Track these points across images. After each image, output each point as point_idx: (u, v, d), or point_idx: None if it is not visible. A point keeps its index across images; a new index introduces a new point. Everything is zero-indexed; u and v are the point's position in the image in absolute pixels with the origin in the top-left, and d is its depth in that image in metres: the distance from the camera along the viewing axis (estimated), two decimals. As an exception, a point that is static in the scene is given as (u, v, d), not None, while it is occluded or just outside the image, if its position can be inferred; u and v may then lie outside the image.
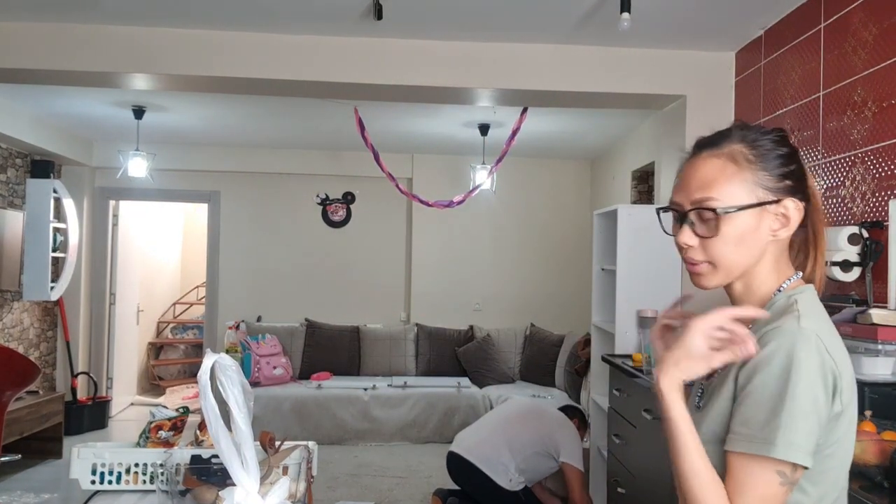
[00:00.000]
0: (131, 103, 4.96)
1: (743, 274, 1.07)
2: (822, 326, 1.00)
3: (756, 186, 1.04)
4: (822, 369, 0.95)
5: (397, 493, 4.40)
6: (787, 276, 1.08)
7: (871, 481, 1.62)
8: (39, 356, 5.94)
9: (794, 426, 0.93)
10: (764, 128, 1.10)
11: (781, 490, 0.94)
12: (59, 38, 3.51)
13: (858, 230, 2.52)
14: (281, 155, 6.65)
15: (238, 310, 6.63)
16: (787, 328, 0.96)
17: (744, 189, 1.04)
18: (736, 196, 1.03)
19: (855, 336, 2.21)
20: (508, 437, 3.59)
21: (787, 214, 1.05)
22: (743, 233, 1.04)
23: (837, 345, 1.00)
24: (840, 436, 0.99)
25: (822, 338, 0.97)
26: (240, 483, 1.26)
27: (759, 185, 1.04)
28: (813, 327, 0.97)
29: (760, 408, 0.95)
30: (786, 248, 1.09)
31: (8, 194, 5.45)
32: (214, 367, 1.26)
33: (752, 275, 1.07)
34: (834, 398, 0.96)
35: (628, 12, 2.77)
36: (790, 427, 0.93)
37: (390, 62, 3.64)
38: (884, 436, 1.73)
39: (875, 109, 2.56)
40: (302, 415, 5.50)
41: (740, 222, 1.04)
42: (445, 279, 6.75)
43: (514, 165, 6.52)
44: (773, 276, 1.07)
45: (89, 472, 1.82)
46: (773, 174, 1.05)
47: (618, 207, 3.82)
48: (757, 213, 1.04)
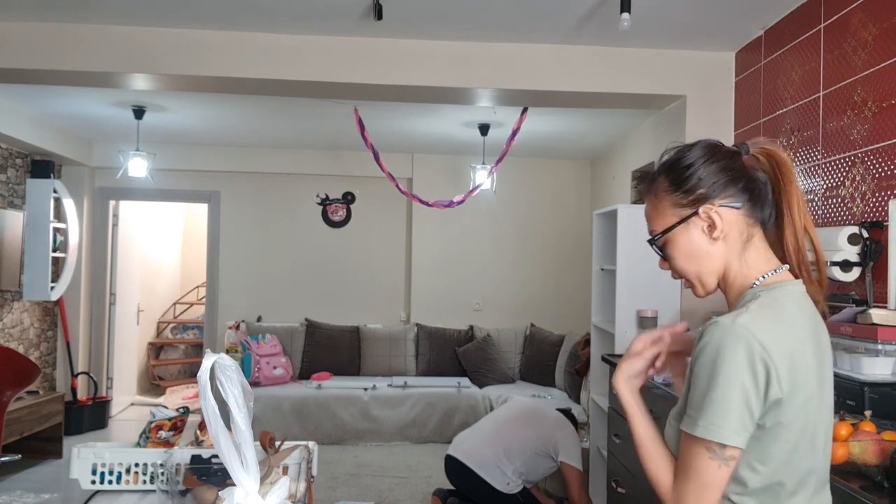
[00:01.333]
0: (131, 103, 4.97)
1: (717, 277, 1.18)
2: (763, 321, 1.07)
3: (675, 208, 1.18)
4: (750, 359, 1.04)
5: (397, 493, 4.41)
6: (763, 270, 1.16)
7: (872, 481, 1.62)
8: (39, 356, 5.94)
9: (715, 409, 1.04)
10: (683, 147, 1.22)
11: (713, 465, 1.05)
12: (59, 38, 3.51)
13: (858, 230, 2.52)
14: (281, 155, 6.65)
15: (238, 310, 6.64)
16: (721, 323, 1.07)
17: (667, 214, 1.19)
18: (664, 222, 1.19)
19: (855, 336, 2.21)
20: (506, 441, 3.59)
21: (711, 219, 1.15)
22: (685, 249, 1.18)
23: (779, 338, 1.07)
24: (787, 420, 1.07)
25: (756, 331, 1.05)
26: (240, 483, 1.26)
27: (676, 206, 1.18)
28: (746, 322, 1.06)
29: (696, 392, 1.07)
30: (755, 245, 1.17)
31: (8, 194, 5.45)
32: (214, 367, 1.26)
33: (724, 275, 1.18)
34: (769, 385, 1.05)
35: (628, 12, 2.77)
36: (711, 409, 1.04)
37: (390, 62, 3.64)
38: (884, 436, 1.73)
39: (875, 109, 2.56)
40: (302, 415, 5.50)
41: (677, 242, 1.18)
42: (445, 279, 6.75)
43: (514, 165, 6.53)
44: (745, 271, 1.16)
45: (89, 471, 1.81)
46: (683, 190, 1.17)
47: (618, 207, 3.82)
48: (683, 229, 1.17)
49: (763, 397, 1.05)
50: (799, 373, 1.08)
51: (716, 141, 1.22)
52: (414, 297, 6.76)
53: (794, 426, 1.08)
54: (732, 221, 1.15)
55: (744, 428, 1.05)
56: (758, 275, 1.15)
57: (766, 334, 1.06)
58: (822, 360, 1.15)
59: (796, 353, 1.08)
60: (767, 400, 1.05)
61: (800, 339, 1.10)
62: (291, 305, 6.67)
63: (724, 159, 1.17)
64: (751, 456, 1.08)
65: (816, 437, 1.12)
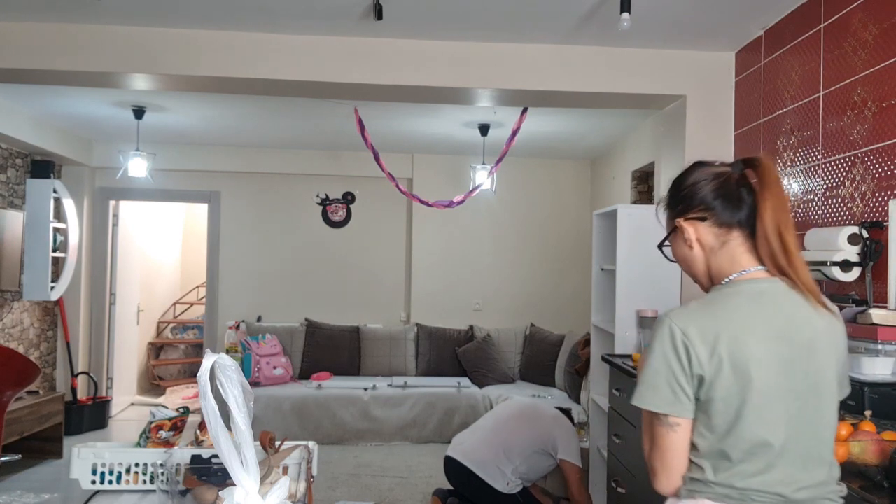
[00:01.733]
0: (131, 103, 4.97)
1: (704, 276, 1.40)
2: (691, 313, 1.29)
3: (669, 221, 1.44)
4: (673, 343, 1.26)
5: (397, 493, 4.41)
6: (733, 271, 1.34)
7: (872, 481, 1.62)
8: (39, 356, 5.94)
9: (647, 383, 1.28)
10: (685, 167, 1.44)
11: (662, 430, 1.29)
12: (59, 38, 3.52)
13: (858, 230, 2.52)
14: (281, 155, 6.65)
15: (238, 310, 6.64)
16: (658, 316, 1.32)
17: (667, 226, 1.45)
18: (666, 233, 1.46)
19: (855, 336, 2.21)
20: (505, 441, 3.59)
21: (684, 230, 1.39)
22: (678, 254, 1.43)
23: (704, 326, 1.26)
24: (718, 396, 1.25)
25: (678, 321, 1.27)
26: (240, 483, 1.26)
27: (669, 220, 1.44)
28: (673, 314, 1.29)
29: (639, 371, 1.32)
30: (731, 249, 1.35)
31: (8, 194, 5.45)
32: (214, 367, 1.26)
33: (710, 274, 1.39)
34: (691, 364, 1.25)
35: (628, 12, 2.77)
36: (644, 384, 1.29)
37: (390, 62, 3.64)
38: (884, 436, 1.73)
39: (875, 109, 2.56)
40: (302, 415, 5.50)
41: (673, 248, 1.44)
42: (445, 279, 6.75)
43: (514, 165, 6.53)
44: (721, 271, 1.36)
45: (89, 471, 1.82)
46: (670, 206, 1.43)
47: (617, 207, 3.82)
48: (674, 238, 1.43)
49: (689, 374, 1.26)
50: (730, 356, 1.24)
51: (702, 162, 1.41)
52: (414, 297, 6.76)
53: (730, 401, 1.24)
54: (702, 231, 1.36)
55: (676, 399, 1.26)
56: (728, 274, 1.34)
57: (689, 323, 1.26)
58: (794, 349, 1.27)
59: (728, 339, 1.25)
60: (693, 376, 1.26)
61: (739, 328, 1.26)
62: (291, 305, 6.67)
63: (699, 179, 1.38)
64: (700, 424, 1.28)
65: (770, 414, 1.25)
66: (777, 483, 1.24)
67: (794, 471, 1.25)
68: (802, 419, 1.27)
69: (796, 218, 3.08)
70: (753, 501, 1.24)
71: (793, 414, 1.26)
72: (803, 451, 1.27)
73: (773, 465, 1.25)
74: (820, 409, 1.29)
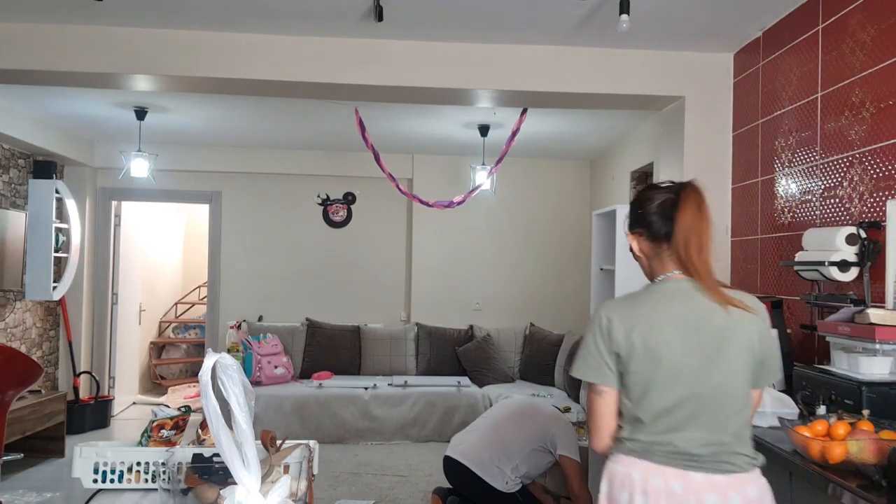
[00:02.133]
0: (133, 104, 4.98)
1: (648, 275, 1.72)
2: (616, 304, 1.64)
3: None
4: (599, 328, 1.60)
5: (398, 492, 4.42)
6: (663, 273, 1.66)
7: (870, 480, 1.63)
8: (42, 356, 5.96)
9: (582, 357, 1.63)
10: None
11: (593, 397, 1.63)
12: (60, 39, 3.53)
13: (856, 230, 2.53)
14: (282, 155, 6.66)
15: (239, 309, 6.65)
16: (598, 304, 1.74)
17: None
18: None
19: (853, 336, 2.22)
20: (503, 440, 3.60)
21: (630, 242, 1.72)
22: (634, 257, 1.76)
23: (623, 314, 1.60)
24: (632, 370, 1.57)
25: (605, 309, 1.62)
26: (241, 481, 1.27)
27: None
28: (604, 304, 1.64)
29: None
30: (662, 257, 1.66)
31: (10, 195, 5.47)
32: (216, 366, 1.27)
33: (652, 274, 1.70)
34: (611, 343, 1.58)
35: (627, 14, 2.78)
36: (580, 359, 1.63)
37: (391, 63, 3.65)
38: (882, 435, 1.73)
39: (873, 110, 2.57)
40: (303, 414, 5.52)
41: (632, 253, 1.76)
42: (445, 279, 6.76)
43: (514, 166, 6.54)
44: (656, 272, 1.68)
45: (91, 470, 1.83)
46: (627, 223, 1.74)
47: (616, 208, 3.83)
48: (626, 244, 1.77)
49: (610, 351, 1.59)
50: (646, 344, 1.55)
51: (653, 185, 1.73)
52: (414, 297, 6.77)
53: (642, 376, 1.56)
54: (642, 243, 1.70)
55: (601, 371, 1.60)
56: (659, 276, 1.67)
57: (613, 311, 1.61)
58: (702, 336, 1.56)
59: (642, 326, 1.57)
60: (612, 353, 1.59)
61: (653, 318, 1.58)
62: (292, 305, 6.69)
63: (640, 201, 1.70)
64: (623, 395, 1.60)
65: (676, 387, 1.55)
66: (676, 440, 1.53)
67: (695, 433, 1.53)
68: (706, 393, 1.54)
69: (794, 218, 3.09)
70: (653, 453, 1.53)
71: (697, 388, 1.54)
72: (705, 419, 1.53)
73: (676, 427, 1.53)
74: (723, 387, 1.55)
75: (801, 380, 2.39)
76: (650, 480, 1.51)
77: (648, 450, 1.53)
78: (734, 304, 1.57)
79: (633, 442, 1.56)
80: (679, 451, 1.51)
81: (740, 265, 3.60)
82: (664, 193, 1.65)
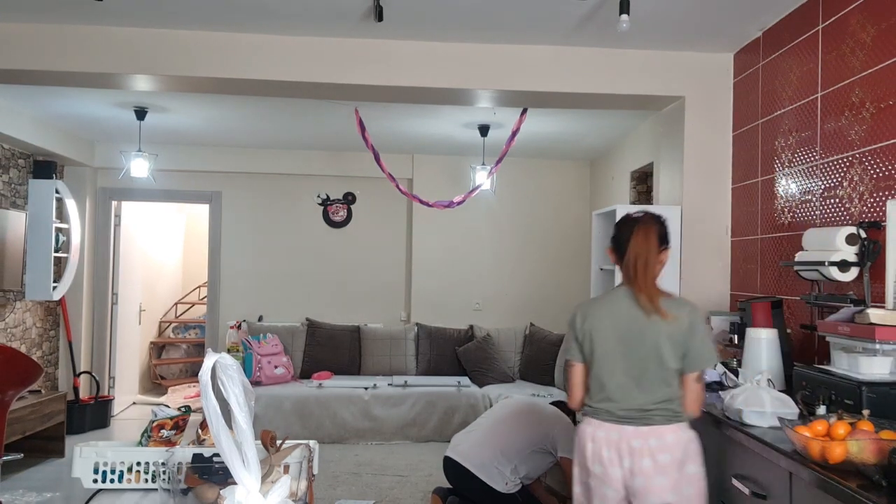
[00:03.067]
0: (133, 104, 4.98)
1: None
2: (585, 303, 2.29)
3: None
4: (573, 321, 2.26)
5: (398, 492, 4.42)
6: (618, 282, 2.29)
7: (870, 480, 1.63)
8: (42, 356, 5.96)
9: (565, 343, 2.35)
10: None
11: (567, 368, 2.28)
12: (60, 39, 3.53)
13: (856, 230, 2.53)
14: (282, 155, 6.66)
15: (239, 309, 6.65)
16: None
17: None
18: None
19: (853, 336, 2.22)
20: (503, 441, 3.59)
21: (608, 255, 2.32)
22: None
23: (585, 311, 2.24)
24: (587, 353, 2.22)
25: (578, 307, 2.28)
26: (241, 481, 1.27)
27: None
28: (580, 303, 2.30)
29: None
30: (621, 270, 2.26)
31: (10, 195, 5.47)
32: (216, 366, 1.27)
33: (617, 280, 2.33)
34: (576, 332, 2.24)
35: (627, 14, 2.78)
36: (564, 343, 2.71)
37: (391, 63, 3.66)
38: (881, 435, 1.73)
39: (873, 110, 2.57)
40: (303, 414, 5.52)
41: None
42: (445, 279, 6.76)
43: (514, 166, 6.54)
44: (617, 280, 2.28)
45: (91, 470, 1.83)
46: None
47: (616, 208, 3.83)
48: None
49: (575, 336, 2.24)
50: (592, 332, 2.20)
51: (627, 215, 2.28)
52: (414, 297, 6.77)
53: (589, 356, 2.21)
54: (612, 257, 2.31)
55: (573, 351, 2.25)
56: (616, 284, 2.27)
57: (580, 308, 2.27)
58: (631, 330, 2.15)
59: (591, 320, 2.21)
60: (576, 338, 2.24)
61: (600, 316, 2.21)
62: (292, 305, 6.69)
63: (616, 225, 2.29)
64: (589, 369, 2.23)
65: (608, 366, 2.17)
66: (611, 405, 2.15)
67: (622, 401, 2.13)
68: (631, 372, 2.13)
69: (794, 218, 3.10)
70: (598, 414, 2.17)
71: (624, 368, 2.14)
72: (630, 390, 2.13)
73: (610, 396, 2.15)
74: (643, 369, 2.12)
75: (801, 380, 2.39)
76: (597, 432, 2.16)
77: (596, 412, 2.18)
78: (657, 312, 2.11)
79: (588, 406, 2.22)
80: (612, 413, 2.14)
81: (740, 265, 3.60)
82: (629, 223, 2.22)
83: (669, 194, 3.95)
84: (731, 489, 2.19)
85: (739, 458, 2.18)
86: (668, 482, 2.06)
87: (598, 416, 2.15)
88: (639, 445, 2.08)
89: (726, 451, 2.27)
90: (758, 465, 2.06)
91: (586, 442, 2.17)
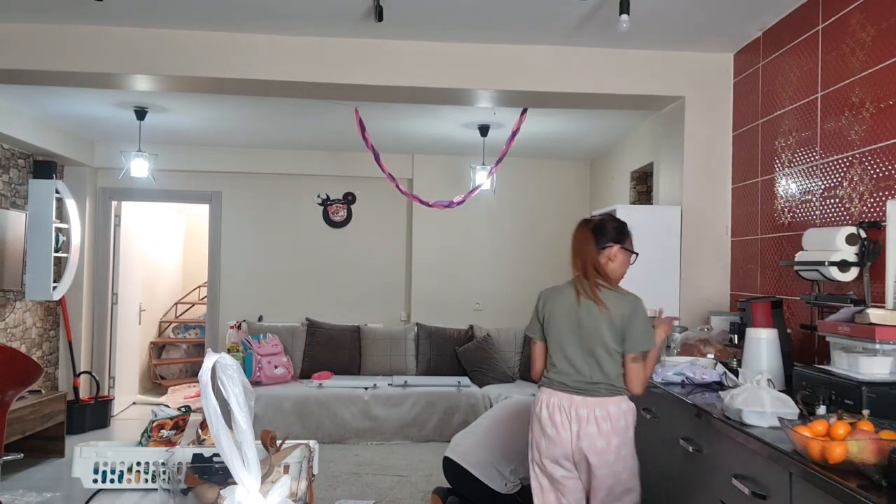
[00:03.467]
0: (133, 104, 4.98)
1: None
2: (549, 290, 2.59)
3: None
4: (537, 303, 2.58)
5: (398, 492, 4.42)
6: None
7: (870, 480, 1.63)
8: (42, 356, 5.96)
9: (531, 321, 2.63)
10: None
11: (531, 345, 2.63)
12: (60, 39, 3.53)
13: (856, 230, 2.53)
14: (282, 155, 6.66)
15: (239, 309, 6.65)
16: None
17: None
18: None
19: (853, 336, 2.22)
20: (502, 441, 3.59)
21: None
22: None
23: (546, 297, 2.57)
24: (547, 332, 2.54)
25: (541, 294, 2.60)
26: (241, 481, 1.27)
27: None
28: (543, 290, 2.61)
29: None
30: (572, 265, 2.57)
31: (10, 195, 5.47)
32: (216, 366, 1.27)
33: None
34: (537, 312, 2.57)
35: (627, 14, 2.78)
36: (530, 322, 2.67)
37: (391, 63, 3.66)
38: (882, 435, 1.73)
39: (873, 110, 2.57)
40: (303, 414, 5.52)
41: None
42: (445, 279, 6.76)
43: (514, 166, 6.54)
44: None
45: (91, 470, 1.83)
46: None
47: (616, 208, 3.83)
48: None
49: (537, 318, 2.58)
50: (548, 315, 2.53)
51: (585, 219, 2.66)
52: (414, 297, 6.77)
53: (551, 337, 2.52)
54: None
55: (534, 329, 2.59)
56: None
57: (542, 293, 2.60)
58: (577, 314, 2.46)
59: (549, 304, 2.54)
60: (537, 319, 2.57)
61: (554, 301, 2.52)
62: (292, 305, 6.69)
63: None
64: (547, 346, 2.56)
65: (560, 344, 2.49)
66: (564, 377, 2.46)
67: (573, 374, 2.45)
68: (578, 351, 2.45)
69: (794, 218, 3.10)
70: (552, 385, 2.49)
71: (573, 346, 2.46)
72: (578, 366, 2.45)
73: (563, 370, 2.48)
74: (586, 348, 2.44)
75: (801, 380, 2.39)
76: (552, 399, 2.48)
77: (551, 382, 2.50)
78: (594, 301, 2.43)
79: (545, 378, 2.54)
80: (564, 384, 2.47)
81: (740, 265, 3.60)
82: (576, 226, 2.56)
83: (669, 194, 3.96)
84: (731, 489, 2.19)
85: (739, 458, 2.18)
86: (610, 446, 2.41)
87: (552, 385, 2.49)
88: (585, 413, 2.41)
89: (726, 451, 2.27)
90: (758, 465, 2.06)
91: (542, 406, 2.51)
